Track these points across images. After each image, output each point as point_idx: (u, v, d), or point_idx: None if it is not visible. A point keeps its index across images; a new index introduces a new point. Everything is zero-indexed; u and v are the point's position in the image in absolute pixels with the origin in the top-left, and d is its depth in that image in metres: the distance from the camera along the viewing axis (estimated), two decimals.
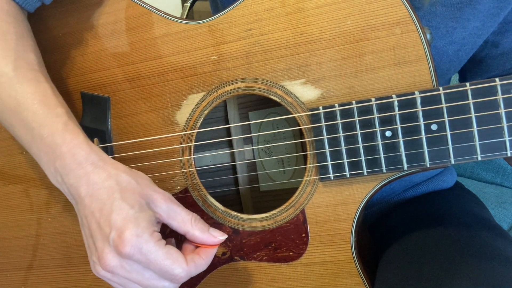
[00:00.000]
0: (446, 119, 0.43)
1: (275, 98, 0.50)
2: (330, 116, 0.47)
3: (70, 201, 0.47)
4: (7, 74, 0.46)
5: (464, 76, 0.64)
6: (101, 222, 0.42)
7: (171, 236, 0.48)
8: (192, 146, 0.53)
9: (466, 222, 0.57)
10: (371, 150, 0.46)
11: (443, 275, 0.46)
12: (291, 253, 0.51)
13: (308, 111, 0.48)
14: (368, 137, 0.45)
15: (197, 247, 0.46)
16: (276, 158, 0.62)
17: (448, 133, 0.43)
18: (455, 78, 0.75)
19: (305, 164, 0.49)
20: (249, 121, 0.62)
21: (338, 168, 0.47)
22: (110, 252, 0.42)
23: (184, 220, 0.44)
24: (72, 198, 0.46)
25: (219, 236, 0.45)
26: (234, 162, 0.63)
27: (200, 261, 0.44)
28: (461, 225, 0.56)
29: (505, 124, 0.42)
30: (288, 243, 0.51)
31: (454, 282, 0.44)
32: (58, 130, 0.45)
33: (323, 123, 0.47)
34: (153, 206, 0.44)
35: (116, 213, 0.42)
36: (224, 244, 0.54)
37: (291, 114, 0.49)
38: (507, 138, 0.42)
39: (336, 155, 0.47)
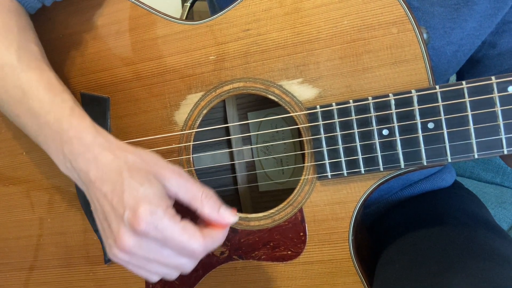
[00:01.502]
0: (442, 117, 0.43)
1: (273, 98, 0.50)
2: (327, 115, 0.47)
3: (80, 188, 0.46)
4: (11, 63, 0.46)
5: (461, 77, 0.65)
6: (114, 203, 0.41)
7: (186, 211, 0.47)
8: (191, 145, 0.54)
9: (465, 222, 0.57)
10: (368, 149, 0.46)
11: (442, 275, 0.45)
12: (289, 252, 0.51)
13: (306, 110, 0.48)
14: (365, 136, 0.46)
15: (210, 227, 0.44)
16: (275, 158, 0.63)
17: (445, 131, 0.43)
18: (452, 79, 0.75)
19: (304, 163, 0.50)
20: (248, 121, 0.62)
21: (336, 166, 0.47)
22: (126, 232, 0.41)
23: (194, 196, 0.43)
24: (83, 183, 0.45)
25: (230, 218, 0.44)
26: (233, 161, 0.64)
27: (217, 235, 0.43)
28: (460, 224, 0.56)
29: (501, 122, 0.42)
30: (286, 242, 0.51)
31: (453, 282, 0.44)
32: (65, 116, 0.45)
33: (321, 122, 0.47)
34: (163, 181, 0.43)
35: (128, 192, 0.41)
36: (222, 243, 0.54)
37: (289, 113, 0.49)
38: (503, 136, 0.42)
39: (333, 153, 0.47)
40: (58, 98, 0.46)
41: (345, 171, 0.47)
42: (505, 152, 0.42)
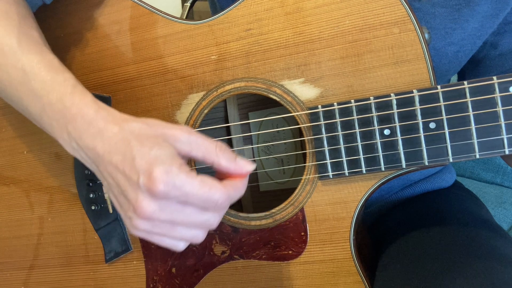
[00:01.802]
0: (444, 117, 0.43)
1: (274, 97, 0.50)
2: (329, 114, 0.47)
3: (90, 168, 0.45)
4: (11, 47, 0.46)
5: (463, 77, 0.65)
6: (127, 172, 0.40)
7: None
8: None
9: (465, 222, 0.57)
10: (369, 149, 0.46)
11: (443, 275, 0.46)
12: (290, 252, 0.51)
13: (307, 110, 0.48)
14: (367, 136, 0.46)
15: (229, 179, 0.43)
16: (276, 158, 0.63)
17: (446, 131, 0.43)
18: (453, 79, 0.75)
19: (305, 163, 0.50)
20: (249, 121, 0.62)
21: (337, 166, 0.47)
22: (145, 198, 0.39)
23: (208, 150, 0.42)
24: (92, 161, 0.44)
25: (248, 166, 0.43)
26: None
27: (237, 183, 0.42)
28: (461, 225, 0.56)
29: (502, 122, 0.42)
30: (287, 241, 0.51)
31: (454, 282, 0.44)
32: (67, 94, 0.44)
33: (322, 122, 0.47)
34: (172, 142, 0.42)
35: (139, 158, 0.40)
36: (223, 243, 0.54)
37: (291, 113, 0.49)
38: (504, 136, 0.42)
39: (335, 153, 0.47)
40: (60, 77, 0.45)
41: (346, 171, 0.47)
42: (507, 152, 0.42)
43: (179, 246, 0.43)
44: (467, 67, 0.62)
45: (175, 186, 0.39)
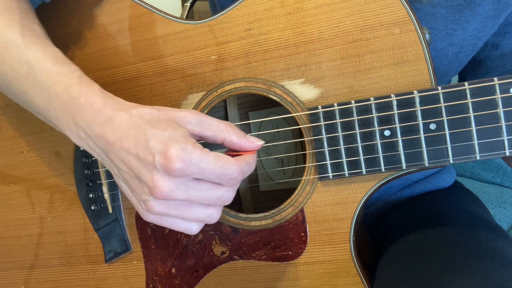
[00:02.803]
0: (444, 118, 0.43)
1: (274, 98, 0.50)
2: (329, 115, 0.47)
3: (98, 158, 0.45)
4: (15, 41, 0.46)
5: (463, 78, 0.64)
6: (141, 155, 0.41)
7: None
8: None
9: (465, 222, 0.57)
10: (370, 150, 0.46)
11: (443, 276, 0.46)
12: (290, 252, 0.51)
13: (307, 111, 0.48)
14: (367, 137, 0.46)
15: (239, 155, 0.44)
16: (276, 158, 0.62)
17: (447, 132, 0.43)
18: (454, 80, 0.75)
19: (305, 163, 0.50)
20: (249, 121, 0.62)
21: (337, 167, 0.47)
22: (161, 176, 0.40)
23: (218, 128, 0.43)
24: (101, 150, 0.44)
25: (257, 142, 0.44)
26: None
27: (249, 159, 0.43)
28: (461, 225, 0.56)
29: (503, 123, 0.42)
30: (287, 242, 0.51)
31: (454, 282, 0.44)
32: (74, 84, 0.44)
33: (322, 123, 0.47)
34: (183, 123, 0.43)
35: (153, 139, 0.40)
36: (223, 243, 0.54)
37: (291, 113, 0.49)
38: (505, 138, 0.42)
39: (335, 154, 0.47)
40: (66, 68, 0.46)
41: (346, 172, 0.47)
42: (507, 154, 0.42)
43: (193, 228, 0.43)
44: (468, 68, 0.62)
45: (191, 163, 0.39)
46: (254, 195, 0.65)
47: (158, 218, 0.43)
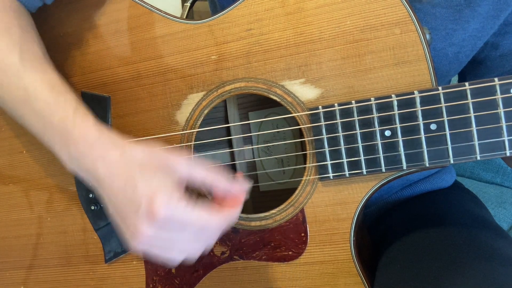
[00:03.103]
0: (445, 118, 0.43)
1: (275, 98, 0.50)
2: (329, 115, 0.47)
3: (90, 187, 0.46)
4: (14, 64, 0.46)
5: (463, 78, 0.64)
6: (128, 198, 0.42)
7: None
8: (192, 145, 0.53)
9: (465, 222, 0.57)
10: (370, 150, 0.46)
11: (443, 276, 0.46)
12: (290, 253, 0.51)
13: (308, 111, 0.48)
14: (368, 137, 0.46)
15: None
16: (276, 158, 0.62)
17: (447, 132, 0.43)
18: (454, 80, 0.75)
19: (305, 163, 0.49)
20: (249, 121, 0.62)
21: (338, 167, 0.47)
22: (144, 222, 0.41)
23: (207, 176, 0.44)
24: (92, 182, 0.45)
25: (244, 184, 0.45)
26: (234, 161, 0.63)
27: (231, 210, 0.44)
28: (461, 225, 0.56)
29: (504, 123, 0.42)
30: (287, 242, 0.51)
31: (454, 282, 0.44)
32: (69, 116, 0.45)
33: (323, 123, 0.47)
34: (174, 169, 0.43)
35: (141, 184, 0.41)
36: (223, 243, 0.54)
37: (291, 113, 0.49)
38: (506, 138, 0.42)
39: (335, 154, 0.47)
40: (62, 99, 0.46)
41: (347, 172, 0.47)
42: (508, 154, 0.42)
43: (175, 262, 0.45)
44: (468, 68, 0.62)
45: (174, 214, 0.41)
46: (254, 195, 0.65)
47: (141, 253, 0.44)
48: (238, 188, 0.45)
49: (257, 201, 0.65)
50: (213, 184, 0.45)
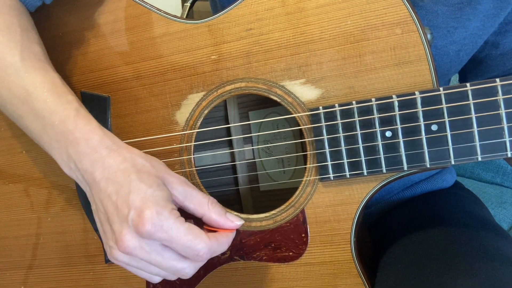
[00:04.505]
0: (446, 119, 0.43)
1: (275, 98, 0.50)
2: (330, 116, 0.47)
3: (83, 188, 0.46)
4: (14, 64, 0.46)
5: (464, 77, 0.64)
6: (119, 204, 0.41)
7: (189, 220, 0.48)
8: (192, 145, 0.53)
9: (466, 223, 0.57)
10: (371, 151, 0.46)
11: (444, 276, 0.45)
12: (290, 253, 0.51)
13: (308, 111, 0.48)
14: (368, 137, 0.45)
15: (214, 232, 0.45)
16: (276, 158, 0.62)
17: (448, 133, 0.43)
18: (455, 79, 0.75)
19: (305, 164, 0.49)
20: (249, 120, 0.62)
21: (338, 168, 0.47)
22: (129, 232, 0.41)
23: (200, 203, 0.44)
24: (86, 184, 0.45)
25: (236, 221, 0.45)
26: (234, 162, 0.63)
27: (222, 239, 0.44)
28: (461, 225, 0.56)
29: (505, 124, 0.42)
30: (288, 243, 0.51)
31: (455, 282, 0.44)
32: (70, 117, 0.45)
33: (323, 123, 0.47)
34: (170, 187, 0.43)
35: (135, 193, 0.41)
36: None
37: (291, 114, 0.49)
38: (507, 139, 0.42)
39: (336, 155, 0.47)
40: (63, 99, 0.46)
41: (347, 173, 0.47)
42: (509, 155, 0.42)
43: (154, 279, 0.45)
44: (468, 67, 0.62)
45: (162, 229, 0.40)
46: (254, 195, 0.65)
47: (122, 264, 0.44)
48: (230, 225, 0.45)
49: (257, 201, 0.65)
50: (204, 215, 0.44)
